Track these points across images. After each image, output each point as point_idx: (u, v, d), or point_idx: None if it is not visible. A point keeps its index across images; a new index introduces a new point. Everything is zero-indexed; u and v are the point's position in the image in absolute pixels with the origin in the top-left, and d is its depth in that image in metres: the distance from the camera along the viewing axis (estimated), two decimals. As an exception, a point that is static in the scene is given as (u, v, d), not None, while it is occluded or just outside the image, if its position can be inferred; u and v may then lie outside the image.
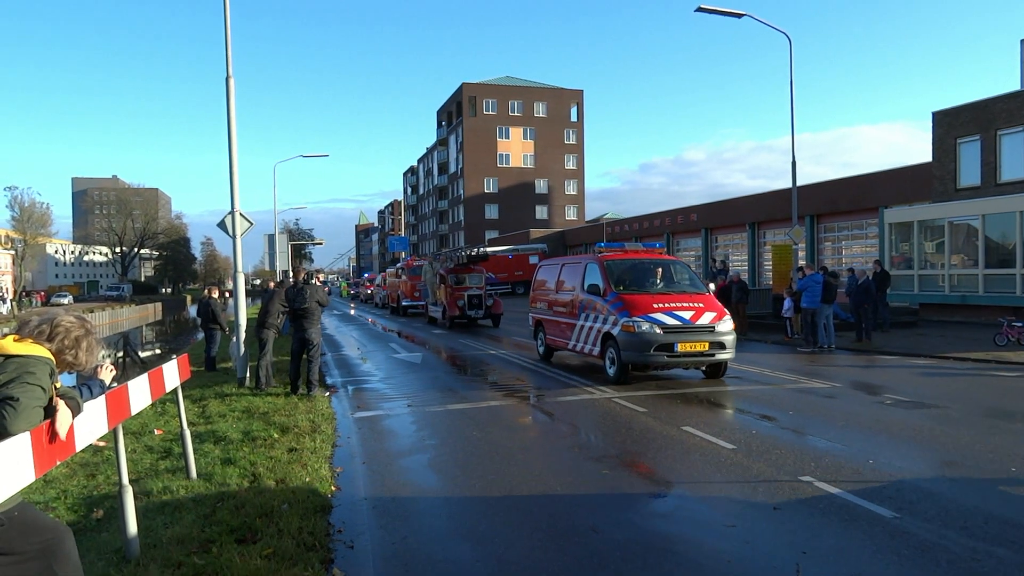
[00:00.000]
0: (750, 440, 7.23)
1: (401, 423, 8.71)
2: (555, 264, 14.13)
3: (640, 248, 12.97)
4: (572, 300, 12.58)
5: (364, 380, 12.54)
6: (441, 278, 24.40)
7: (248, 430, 7.91)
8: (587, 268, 12.26)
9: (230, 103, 11.48)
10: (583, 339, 12.03)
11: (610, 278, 11.58)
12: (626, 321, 10.62)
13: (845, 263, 29.91)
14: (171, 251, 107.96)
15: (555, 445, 7.39)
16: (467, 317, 23.18)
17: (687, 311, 10.71)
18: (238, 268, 11.73)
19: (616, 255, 12.45)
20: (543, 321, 14.04)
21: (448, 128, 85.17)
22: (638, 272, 11.91)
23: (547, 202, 78.72)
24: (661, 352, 10.40)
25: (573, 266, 13.03)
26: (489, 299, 23.49)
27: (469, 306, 23.20)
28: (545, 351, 14.01)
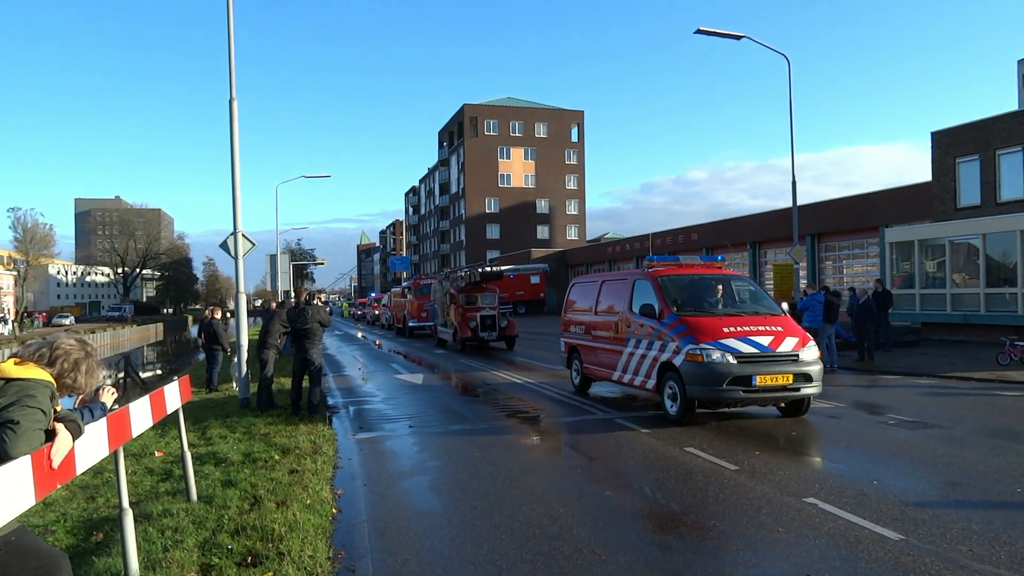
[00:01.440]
0: (753, 461, 7.19)
1: (402, 444, 8.67)
2: (592, 282, 12.29)
3: (697, 262, 11.10)
4: (617, 323, 10.79)
5: (366, 401, 12.50)
6: (452, 297, 23.31)
7: (249, 452, 7.88)
8: (636, 285, 10.51)
9: (233, 125, 11.58)
10: (633, 369, 10.20)
11: (667, 297, 9.83)
12: (692, 349, 8.87)
13: (846, 282, 29.91)
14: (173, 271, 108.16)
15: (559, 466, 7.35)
16: (480, 339, 21.99)
17: (764, 336, 9.01)
18: (240, 288, 11.75)
19: (671, 270, 10.66)
20: (579, 347, 12.22)
21: (449, 148, 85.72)
22: (698, 290, 10.19)
23: (548, 222, 78.96)
24: (736, 387, 8.63)
25: (617, 283, 11.25)
26: (503, 320, 22.32)
27: (482, 327, 21.96)
28: (581, 382, 12.27)
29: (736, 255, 38.34)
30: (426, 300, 29.96)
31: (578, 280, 13.06)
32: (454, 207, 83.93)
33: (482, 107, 78.58)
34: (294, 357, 11.16)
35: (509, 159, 78.38)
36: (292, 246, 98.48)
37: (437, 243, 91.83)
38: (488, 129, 77.92)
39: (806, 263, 30.38)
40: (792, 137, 19.90)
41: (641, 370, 9.97)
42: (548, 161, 78.74)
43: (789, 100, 19.58)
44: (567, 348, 12.85)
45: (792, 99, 19.58)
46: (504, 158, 78.25)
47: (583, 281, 12.82)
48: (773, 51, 19.38)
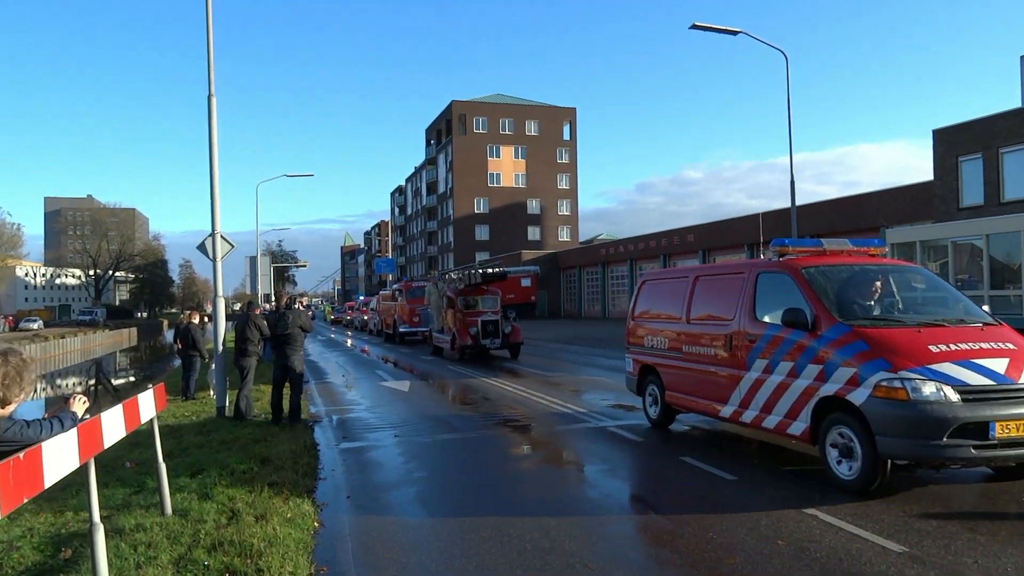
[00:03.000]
0: (753, 471, 7.21)
1: (388, 455, 8.64)
2: (677, 278, 9.50)
3: (845, 246, 8.02)
4: (729, 336, 7.92)
5: (349, 409, 12.45)
6: (449, 301, 21.83)
7: (227, 463, 7.82)
8: (761, 282, 7.73)
9: (212, 122, 11.52)
10: (762, 404, 7.34)
11: (824, 299, 6.90)
12: (886, 379, 6.00)
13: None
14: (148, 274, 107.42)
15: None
16: (481, 347, 20.53)
17: (995, 358, 6.14)
18: (218, 292, 11.68)
19: (816, 257, 7.72)
20: (659, 368, 9.47)
21: (437, 147, 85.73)
22: (864, 287, 7.20)
23: (539, 223, 79.06)
24: (963, 440, 5.73)
25: (724, 279, 8.45)
26: (507, 325, 20.91)
27: (483, 334, 20.46)
28: (662, 414, 9.53)
29: (734, 256, 38.49)
30: (418, 304, 28.97)
31: (652, 277, 10.35)
32: (442, 207, 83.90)
33: (471, 104, 78.65)
34: (274, 364, 11.10)
35: (499, 158, 78.46)
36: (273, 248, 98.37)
37: (424, 244, 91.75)
38: (477, 127, 77.99)
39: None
40: (790, 135, 20.03)
41: (779, 407, 7.08)
42: (539, 160, 78.90)
43: (787, 97, 19.72)
44: (637, 368, 10.11)
45: (790, 96, 19.73)
46: (494, 157, 78.32)
47: (660, 278, 10.09)
48: (770, 47, 19.52)
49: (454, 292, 21.79)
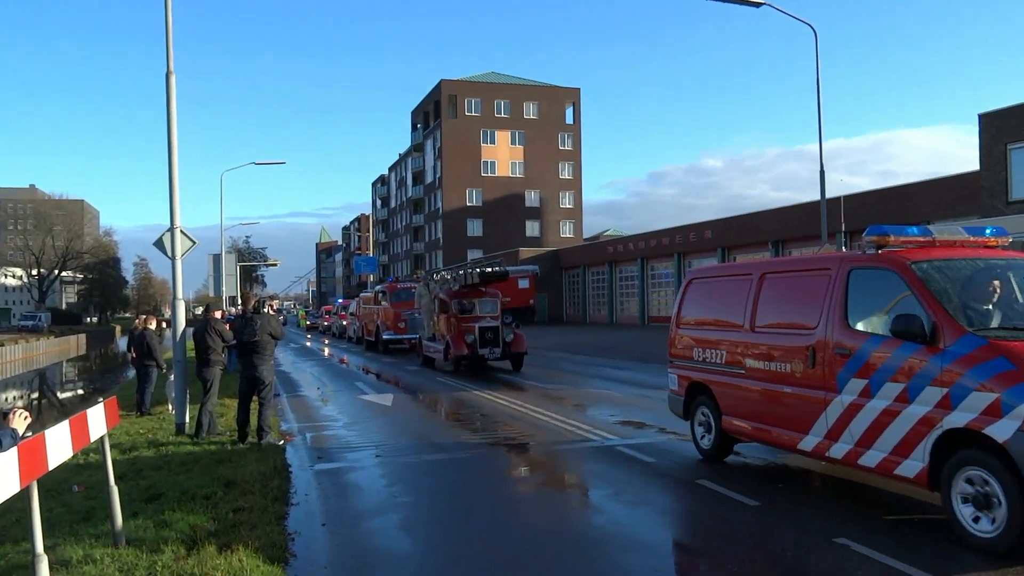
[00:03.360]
0: (775, 495, 7.23)
1: (368, 477, 8.64)
2: (737, 276, 8.73)
3: (960, 235, 7.15)
4: (809, 348, 7.10)
5: (325, 426, 12.45)
6: (442, 305, 21.39)
7: (187, 486, 7.82)
8: (852, 280, 6.93)
9: (171, 103, 11.52)
10: (863, 436, 6.49)
11: (947, 304, 6.14)
12: None
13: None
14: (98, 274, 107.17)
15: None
16: (478, 357, 20.01)
17: None
18: (177, 294, 11.68)
19: (929, 250, 6.85)
20: (714, 387, 8.63)
21: (424, 131, 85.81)
22: (986, 287, 6.47)
23: (539, 217, 79.16)
24: None
25: (800, 278, 7.79)
26: (508, 333, 20.45)
27: (481, 343, 19.91)
28: (718, 443, 8.66)
29: (756, 255, 38.57)
30: (404, 308, 28.74)
31: (702, 274, 9.64)
32: (429, 199, 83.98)
33: (462, 83, 78.78)
34: (240, 375, 11.09)
35: (494, 144, 78.58)
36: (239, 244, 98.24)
37: (409, 241, 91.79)
38: (469, 109, 78.10)
39: (837, 265, 30.57)
40: (820, 120, 20.15)
41: (883, 440, 6.32)
42: (539, 146, 79.03)
43: (816, 77, 19.79)
44: (683, 386, 9.32)
45: (819, 76, 19.80)
46: (488, 143, 78.44)
47: (714, 276, 9.39)
48: (798, 21, 19.59)
49: (448, 294, 21.24)
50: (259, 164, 34.99)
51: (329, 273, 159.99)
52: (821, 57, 21.74)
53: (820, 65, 20.01)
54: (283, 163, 34.89)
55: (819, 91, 19.88)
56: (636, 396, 14.98)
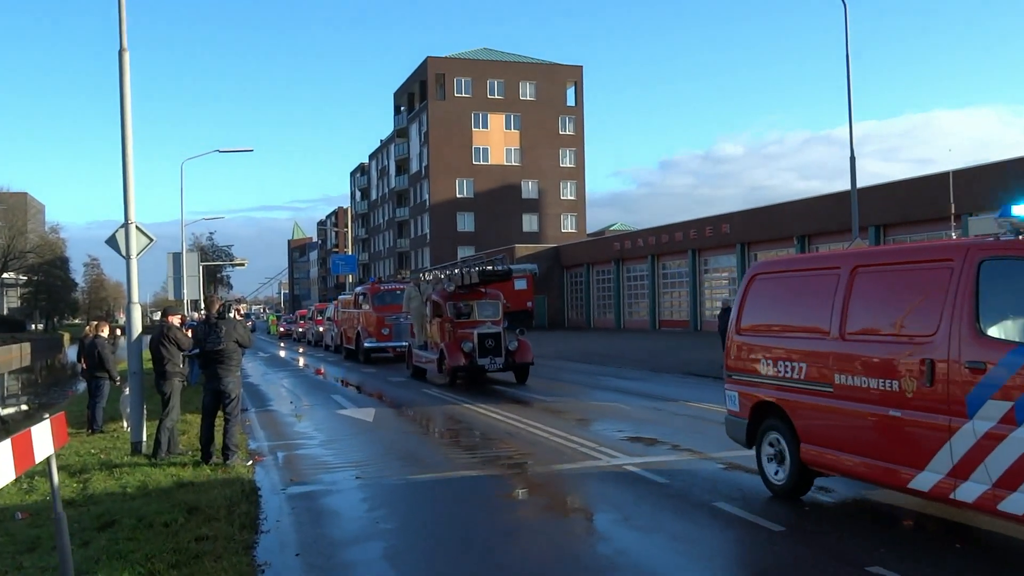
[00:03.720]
0: (801, 518, 7.26)
1: (348, 501, 8.63)
2: (820, 270, 8.02)
3: None
4: (931, 362, 6.38)
5: (299, 444, 12.44)
6: (435, 308, 21.01)
7: (144, 512, 7.80)
8: (983, 274, 6.25)
9: (124, 84, 11.50)
10: (1004, 475, 5.79)
11: None
12: None
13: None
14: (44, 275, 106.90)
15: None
16: (477, 368, 19.45)
17: None
18: (133, 298, 11.65)
19: None
20: (790, 408, 7.89)
21: (409, 115, 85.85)
22: None
23: (537, 210, 79.26)
24: None
25: (909, 272, 7.04)
26: (511, 340, 19.91)
27: (481, 351, 19.28)
28: (795, 476, 7.84)
29: (780, 252, 38.64)
30: (389, 312, 28.61)
31: (770, 268, 9.00)
32: (415, 191, 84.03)
33: (451, 61, 78.84)
34: (204, 388, 11.08)
35: (486, 128, 78.65)
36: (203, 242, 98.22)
37: (392, 237, 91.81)
38: (459, 89, 78.16)
39: (869, 262, 30.67)
40: (850, 100, 20.17)
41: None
42: (537, 131, 79.12)
43: (846, 53, 19.89)
44: (747, 406, 8.58)
45: (849, 52, 19.89)
46: (480, 127, 78.51)
47: (787, 270, 8.72)
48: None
49: (442, 296, 20.82)
50: (224, 152, 34.98)
51: (303, 274, 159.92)
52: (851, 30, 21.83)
53: (850, 39, 20.09)
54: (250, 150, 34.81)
55: (849, 69, 19.97)
56: (646, 409, 14.99)
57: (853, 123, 20.36)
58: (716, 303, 38.95)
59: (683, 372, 22.04)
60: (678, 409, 15.00)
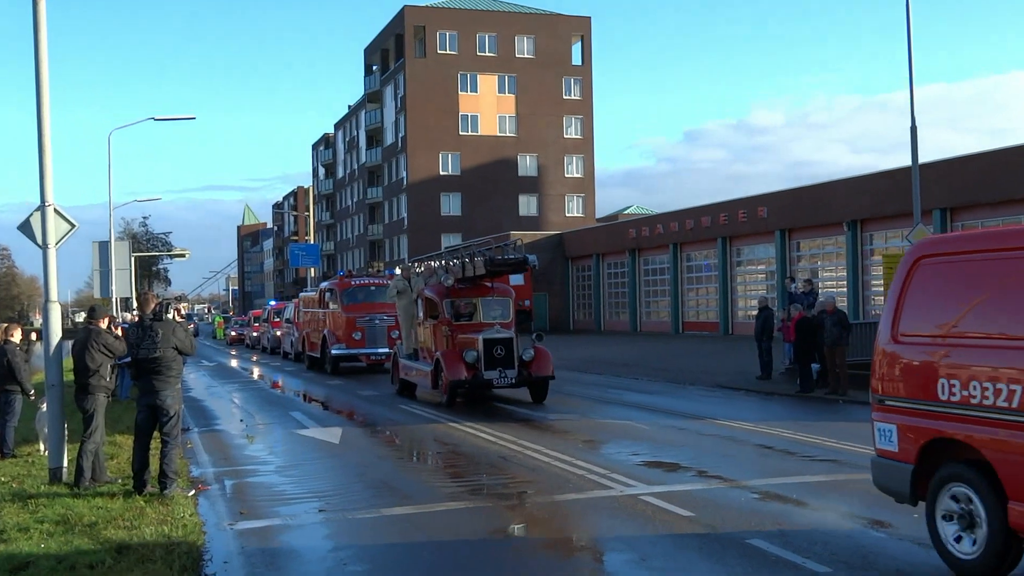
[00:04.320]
0: (853, 559, 7.28)
1: (309, 539, 8.63)
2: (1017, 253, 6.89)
3: None
4: None
5: (251, 470, 12.44)
6: (429, 306, 20.16)
7: (65, 553, 7.79)
8: None
9: (39, 39, 11.43)
10: None
11: None
12: None
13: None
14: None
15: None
16: (483, 383, 18.25)
17: None
18: (51, 295, 11.61)
19: None
20: (986, 447, 6.70)
21: (383, 76, 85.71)
22: None
23: (536, 190, 79.23)
24: None
25: None
26: (526, 348, 18.82)
27: (488, 362, 18.01)
28: (994, 550, 6.63)
29: (827, 240, 38.72)
30: (362, 312, 28.28)
31: (941, 249, 8.08)
32: (390, 167, 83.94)
33: (433, 11, 78.73)
34: (137, 403, 11.05)
35: (475, 92, 78.54)
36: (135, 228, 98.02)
37: (363, 223, 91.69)
38: (443, 45, 78.05)
39: (934, 253, 30.72)
40: (910, 60, 20.14)
41: None
42: (536, 96, 79.07)
43: (906, 4, 19.85)
44: (911, 444, 7.39)
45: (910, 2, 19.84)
46: (468, 90, 78.41)
47: (968, 251, 7.53)
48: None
49: (438, 292, 19.85)
50: (160, 120, 34.85)
51: (255, 267, 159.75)
52: (912, -25, 21.76)
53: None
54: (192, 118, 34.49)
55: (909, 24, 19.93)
56: (667, 429, 15.02)
57: (914, 86, 20.38)
58: (751, 302, 39.02)
59: (710, 384, 22.08)
60: (704, 428, 15.03)
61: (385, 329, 27.84)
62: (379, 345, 27.90)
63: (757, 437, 13.99)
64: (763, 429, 14.65)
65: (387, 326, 27.73)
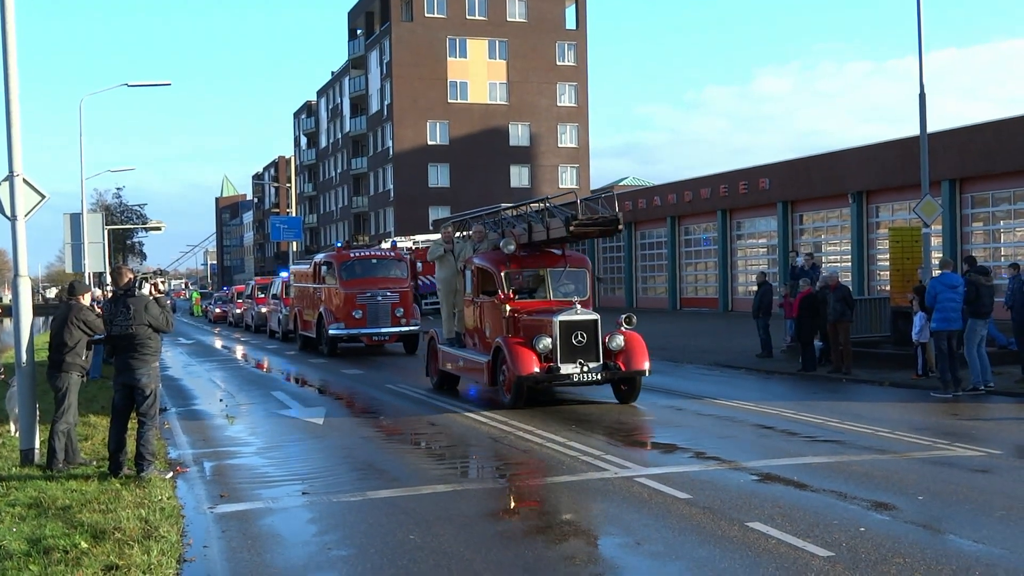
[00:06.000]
0: (856, 542, 7.32)
1: (292, 522, 8.67)
2: None
3: None
4: None
5: (231, 452, 12.46)
6: (481, 278, 17.19)
7: (38, 536, 7.80)
8: None
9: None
10: None
11: None
12: None
13: (1005, 256, 30.38)
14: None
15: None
16: (559, 378, 15.10)
17: None
18: (20, 270, 11.57)
19: None
20: None
21: (367, 40, 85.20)
22: None
23: (529, 160, 79.06)
24: None
25: None
26: (613, 335, 15.55)
27: (565, 352, 15.03)
28: None
29: (831, 213, 38.73)
30: (363, 288, 26.74)
31: None
32: (375, 136, 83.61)
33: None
34: (113, 383, 11.04)
35: (465, 57, 78.17)
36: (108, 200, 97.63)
37: (347, 195, 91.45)
38: (430, 8, 77.57)
39: (942, 225, 30.85)
40: (919, 23, 20.05)
41: None
42: (529, 61, 78.73)
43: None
44: None
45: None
46: (457, 56, 78.02)
47: None
48: None
49: (494, 261, 16.87)
50: (134, 86, 34.66)
51: (235, 240, 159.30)
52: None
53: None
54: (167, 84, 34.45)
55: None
56: (663, 409, 15.07)
57: (923, 51, 20.31)
58: (752, 277, 39.07)
59: (709, 363, 22.15)
60: (702, 408, 15.09)
61: (389, 307, 26.64)
62: (382, 324, 26.66)
63: (757, 417, 14.06)
64: (763, 409, 14.72)
65: (391, 303, 26.69)
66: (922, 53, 20.30)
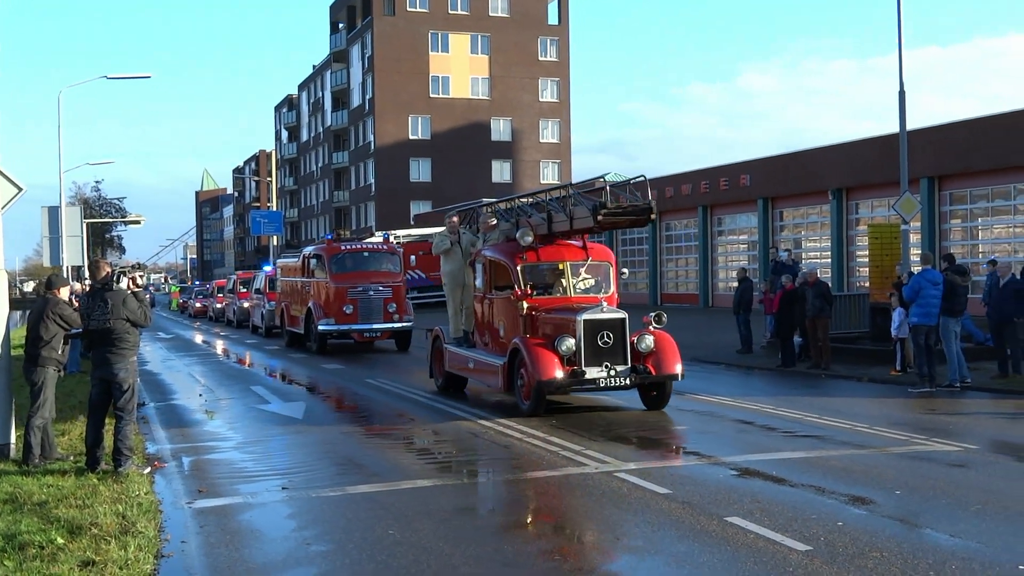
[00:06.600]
0: (833, 537, 7.36)
1: (270, 517, 8.66)
2: None
3: None
4: None
5: (210, 447, 12.43)
6: (495, 272, 16.04)
7: (13, 532, 7.77)
8: None
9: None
10: None
11: None
12: None
13: (983, 253, 30.55)
14: None
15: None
16: (584, 383, 13.85)
17: None
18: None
19: None
20: None
21: (349, 34, 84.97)
22: None
23: (510, 155, 79.07)
24: None
25: None
26: (643, 336, 14.28)
27: (590, 354, 13.70)
28: None
29: (811, 210, 38.86)
30: (354, 282, 25.94)
31: None
32: (357, 130, 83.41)
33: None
34: (91, 377, 10.99)
35: (447, 52, 78.07)
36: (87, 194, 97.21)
37: (328, 189, 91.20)
38: (413, 2, 77.44)
39: (921, 222, 31.00)
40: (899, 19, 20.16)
41: None
42: (511, 56, 78.70)
43: (896, -39, 19.84)
44: None
45: (900, -41, 19.84)
46: (439, 50, 77.91)
47: None
48: None
49: (509, 253, 15.69)
50: (113, 79, 34.42)
51: (215, 234, 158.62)
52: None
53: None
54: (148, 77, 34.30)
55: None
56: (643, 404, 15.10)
57: (904, 49, 20.42)
58: (732, 273, 39.18)
59: (689, 359, 22.08)
60: (682, 404, 15.11)
61: (381, 302, 25.88)
62: (374, 320, 25.84)
63: (736, 412, 14.11)
64: (743, 404, 14.78)
65: (383, 298, 25.93)
66: (902, 51, 20.46)
